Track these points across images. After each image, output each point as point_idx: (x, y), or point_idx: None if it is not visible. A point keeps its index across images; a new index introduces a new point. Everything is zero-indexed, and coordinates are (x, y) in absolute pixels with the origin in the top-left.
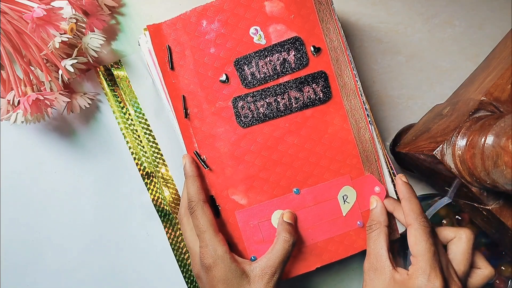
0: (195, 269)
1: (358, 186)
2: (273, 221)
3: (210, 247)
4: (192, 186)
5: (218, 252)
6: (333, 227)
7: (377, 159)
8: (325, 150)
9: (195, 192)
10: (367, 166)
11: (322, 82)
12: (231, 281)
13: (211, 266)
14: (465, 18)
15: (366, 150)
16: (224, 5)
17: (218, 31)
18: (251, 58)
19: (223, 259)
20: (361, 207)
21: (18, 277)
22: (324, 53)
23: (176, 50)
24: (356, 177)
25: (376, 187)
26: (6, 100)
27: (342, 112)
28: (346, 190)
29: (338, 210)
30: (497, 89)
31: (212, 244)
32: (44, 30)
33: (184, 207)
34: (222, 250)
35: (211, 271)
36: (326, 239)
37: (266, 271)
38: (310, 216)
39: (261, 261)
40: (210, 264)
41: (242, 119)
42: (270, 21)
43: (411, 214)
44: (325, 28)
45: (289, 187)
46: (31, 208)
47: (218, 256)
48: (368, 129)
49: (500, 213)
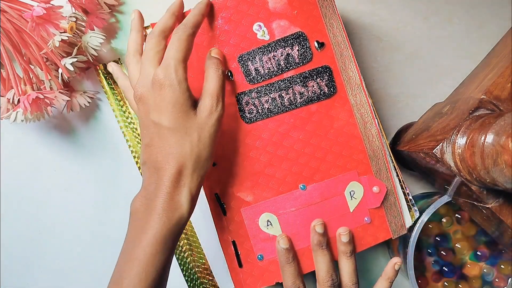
0: (138, 90)
1: (363, 183)
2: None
3: (173, 67)
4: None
5: (179, 74)
6: (340, 224)
7: (384, 154)
8: (331, 145)
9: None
10: (374, 161)
11: (326, 76)
12: (180, 107)
13: (166, 85)
14: (465, 16)
15: (372, 145)
16: (227, 2)
17: (222, 28)
18: (255, 53)
19: (181, 83)
20: (368, 204)
21: (18, 275)
22: (328, 48)
23: None
24: (363, 173)
25: (375, 187)
26: (6, 98)
27: (347, 107)
28: (353, 186)
29: (345, 206)
30: (497, 87)
31: (176, 64)
32: (44, 28)
33: (132, 53)
34: (183, 76)
35: (164, 89)
36: (333, 236)
37: (208, 101)
38: (317, 212)
39: (203, 93)
40: (166, 83)
41: (246, 115)
42: (273, 17)
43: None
44: (328, 23)
45: (295, 183)
46: (31, 206)
47: (178, 78)
48: (374, 124)
49: (500, 211)
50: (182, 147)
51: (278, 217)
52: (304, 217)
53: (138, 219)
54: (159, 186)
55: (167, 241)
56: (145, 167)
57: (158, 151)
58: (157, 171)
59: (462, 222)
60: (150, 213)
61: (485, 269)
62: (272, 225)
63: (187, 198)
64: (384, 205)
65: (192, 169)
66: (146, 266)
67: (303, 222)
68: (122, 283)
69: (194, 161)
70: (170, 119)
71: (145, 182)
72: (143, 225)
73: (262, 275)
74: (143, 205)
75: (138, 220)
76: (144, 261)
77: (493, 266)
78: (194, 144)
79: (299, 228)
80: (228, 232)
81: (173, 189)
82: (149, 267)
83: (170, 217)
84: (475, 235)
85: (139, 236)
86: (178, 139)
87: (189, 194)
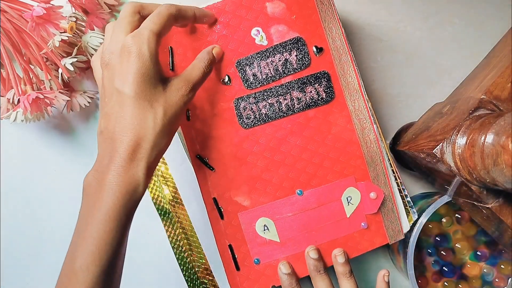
0: (106, 56)
1: (360, 189)
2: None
3: (146, 36)
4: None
5: (151, 45)
6: (337, 229)
7: (382, 160)
8: (329, 151)
9: None
10: (371, 167)
11: (324, 82)
12: (148, 79)
13: (135, 53)
14: (465, 16)
15: (370, 151)
16: (226, 7)
17: (220, 33)
18: (253, 59)
19: (152, 54)
20: (365, 210)
21: (18, 275)
22: (326, 53)
23: (178, 52)
24: (360, 179)
25: (372, 193)
26: (6, 98)
27: (345, 113)
28: (350, 192)
29: (342, 212)
30: (497, 87)
31: (150, 35)
32: (44, 28)
33: (111, 23)
34: (155, 48)
35: (132, 57)
36: (330, 241)
37: (184, 84)
38: (314, 218)
39: (182, 75)
40: (135, 51)
41: (244, 120)
42: (271, 22)
43: None
44: (327, 28)
45: (292, 189)
46: (31, 206)
47: (150, 48)
48: (372, 130)
49: (500, 211)
50: (144, 119)
51: (274, 222)
52: (301, 222)
53: (90, 194)
54: (113, 158)
55: (121, 217)
56: (101, 137)
57: (117, 121)
58: (113, 142)
59: (462, 222)
60: (103, 187)
61: (485, 269)
62: (268, 230)
63: (143, 172)
64: (381, 210)
65: (153, 143)
66: (99, 245)
67: (299, 227)
68: (75, 263)
69: (155, 135)
70: (135, 88)
71: (100, 155)
72: (95, 200)
73: (259, 279)
74: (95, 179)
75: (90, 195)
76: (97, 239)
77: (493, 266)
78: (159, 118)
79: (296, 233)
80: (225, 236)
81: (128, 162)
82: (103, 245)
83: (123, 192)
84: (475, 235)
85: (92, 212)
86: (141, 111)
87: (146, 168)
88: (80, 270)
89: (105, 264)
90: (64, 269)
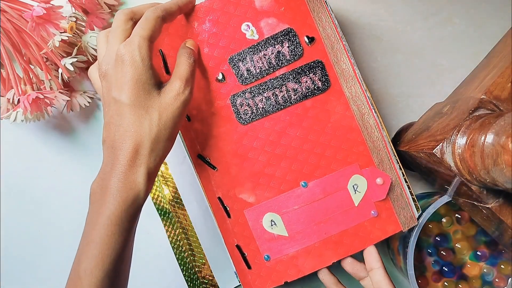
0: (103, 67)
1: (366, 176)
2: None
3: (136, 43)
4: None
5: (142, 51)
6: (346, 219)
7: (385, 144)
8: (330, 140)
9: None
10: (375, 153)
11: (319, 71)
12: (142, 85)
13: (128, 61)
14: (465, 16)
15: (372, 136)
16: (213, 5)
17: (210, 31)
18: (246, 54)
19: (144, 60)
20: (373, 197)
21: (18, 275)
22: (318, 42)
23: (171, 54)
24: (364, 165)
25: (378, 178)
26: (6, 98)
27: (343, 100)
28: (356, 179)
29: (349, 201)
30: (497, 87)
31: (141, 41)
32: (44, 28)
33: (104, 32)
34: (147, 53)
35: (125, 65)
36: (340, 232)
37: (175, 83)
38: (321, 209)
39: (172, 76)
40: (128, 59)
41: (242, 116)
42: (260, 16)
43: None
44: (317, 18)
45: (296, 181)
46: (31, 206)
47: (141, 54)
48: (372, 115)
49: (500, 211)
50: (140, 125)
51: (281, 216)
52: (308, 215)
53: (95, 201)
54: (114, 165)
55: (123, 222)
56: (104, 146)
57: (116, 129)
58: (114, 150)
59: (462, 222)
60: (105, 194)
61: (485, 269)
62: (276, 225)
63: (143, 177)
64: (390, 196)
65: (150, 148)
66: (102, 249)
67: (307, 220)
68: (79, 267)
69: (152, 140)
70: (130, 96)
71: (103, 162)
72: (99, 206)
73: (271, 275)
74: (99, 186)
75: (95, 202)
76: (100, 244)
77: (493, 266)
78: (154, 124)
79: (304, 226)
80: (233, 235)
81: (128, 169)
82: (105, 250)
83: (124, 197)
84: (475, 235)
85: (96, 218)
86: (137, 117)
87: (146, 174)
88: (84, 274)
89: (109, 268)
90: (71, 273)
